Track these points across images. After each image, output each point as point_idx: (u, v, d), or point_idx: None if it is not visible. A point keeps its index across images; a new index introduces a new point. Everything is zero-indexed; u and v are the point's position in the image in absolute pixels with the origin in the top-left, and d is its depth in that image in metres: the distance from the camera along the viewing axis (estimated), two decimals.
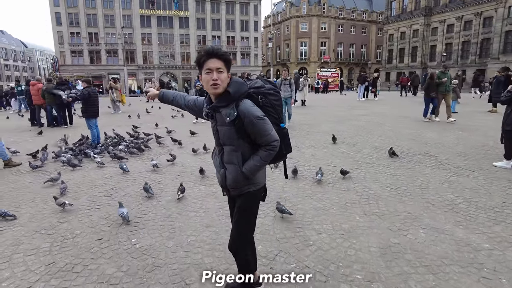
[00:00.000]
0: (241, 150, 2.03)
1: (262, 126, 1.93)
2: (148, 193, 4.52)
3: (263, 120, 1.93)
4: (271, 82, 2.16)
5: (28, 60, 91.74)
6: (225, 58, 1.97)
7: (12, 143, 8.46)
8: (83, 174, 5.78)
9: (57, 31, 51.84)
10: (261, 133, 1.95)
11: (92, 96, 7.61)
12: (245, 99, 1.97)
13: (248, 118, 1.92)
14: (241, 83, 2.00)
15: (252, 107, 1.94)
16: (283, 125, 2.11)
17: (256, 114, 1.92)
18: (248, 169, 2.01)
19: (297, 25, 65.52)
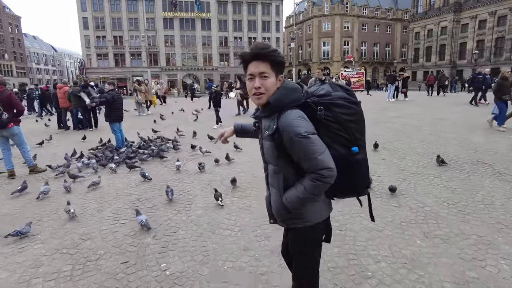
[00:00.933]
0: (283, 172, 1.63)
1: (304, 147, 1.48)
2: (168, 196, 4.41)
3: (306, 139, 1.47)
4: (345, 87, 1.64)
5: (57, 63, 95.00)
6: (271, 59, 1.59)
7: (38, 147, 8.38)
8: (108, 182, 5.49)
9: (84, 35, 53.27)
10: (304, 156, 1.50)
11: (116, 100, 7.38)
12: (293, 109, 1.55)
13: (287, 133, 1.51)
14: (291, 89, 1.61)
15: (296, 121, 1.50)
16: (355, 149, 1.57)
17: (297, 130, 1.48)
18: (288, 200, 1.60)
19: (319, 25, 64.41)
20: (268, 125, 1.59)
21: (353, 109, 1.57)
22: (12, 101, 5.63)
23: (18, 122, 5.84)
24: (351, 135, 1.56)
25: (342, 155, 1.54)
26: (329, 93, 1.59)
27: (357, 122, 1.59)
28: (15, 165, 6.10)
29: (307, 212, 1.64)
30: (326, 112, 1.53)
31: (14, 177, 5.85)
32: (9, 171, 5.85)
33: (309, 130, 1.49)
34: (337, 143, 1.55)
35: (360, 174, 1.63)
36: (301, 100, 1.57)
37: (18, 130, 5.82)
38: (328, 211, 1.72)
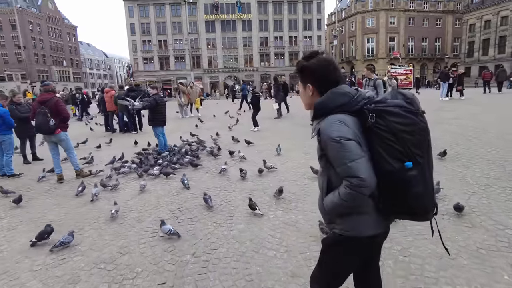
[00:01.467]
0: (327, 174, 1.60)
1: (336, 152, 1.45)
2: (208, 203, 4.32)
3: (339, 144, 1.43)
4: (406, 95, 1.49)
5: (108, 68, 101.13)
6: (298, 69, 1.69)
7: (86, 150, 8.64)
8: (149, 187, 5.41)
9: (131, 40, 55.99)
10: (335, 161, 1.48)
11: (160, 104, 7.35)
12: (337, 114, 1.51)
13: (323, 137, 1.50)
14: (338, 94, 1.55)
15: (333, 124, 1.47)
16: (409, 164, 1.40)
17: (330, 133, 1.46)
18: (326, 203, 1.58)
19: (363, 21, 62.05)
20: (314, 127, 1.60)
21: (409, 119, 1.42)
22: (59, 108, 5.77)
23: (65, 128, 5.98)
24: (406, 148, 1.41)
25: (396, 170, 1.41)
26: (385, 100, 1.49)
27: (414, 134, 1.42)
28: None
29: (349, 220, 1.55)
30: (379, 120, 1.43)
31: (62, 181, 6.00)
32: (58, 175, 6.00)
33: (343, 135, 1.43)
34: (391, 156, 1.42)
35: (415, 194, 1.43)
36: (351, 106, 1.51)
37: (65, 136, 5.96)
38: (376, 228, 1.56)
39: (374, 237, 1.57)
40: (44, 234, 3.60)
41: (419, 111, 1.46)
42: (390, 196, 1.46)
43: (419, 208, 1.48)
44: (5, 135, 6.42)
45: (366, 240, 1.57)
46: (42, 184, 6.04)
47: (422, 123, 1.44)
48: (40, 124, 5.62)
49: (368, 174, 1.40)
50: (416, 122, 1.43)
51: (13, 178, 6.48)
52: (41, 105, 5.69)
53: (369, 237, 1.55)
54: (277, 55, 60.17)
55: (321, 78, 1.61)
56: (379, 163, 1.44)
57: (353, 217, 1.54)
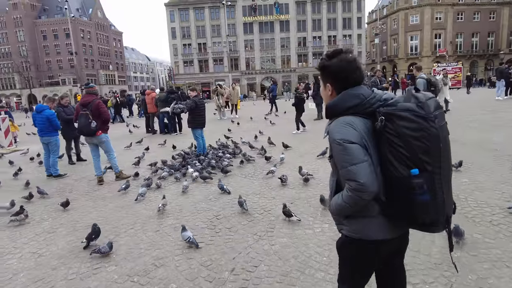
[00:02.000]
0: (337, 176, 1.60)
1: (338, 154, 1.46)
2: (242, 208, 4.17)
3: (341, 147, 1.43)
4: (418, 98, 1.38)
5: (150, 71, 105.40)
6: (319, 68, 1.65)
7: (125, 152, 8.76)
8: (186, 192, 5.23)
9: (172, 44, 57.66)
10: (338, 163, 1.49)
11: (199, 106, 7.23)
12: (347, 116, 1.50)
13: (330, 138, 1.51)
14: (349, 95, 1.52)
15: (338, 126, 1.47)
16: (415, 171, 1.35)
17: (334, 135, 1.47)
18: (332, 204, 1.59)
19: (406, 18, 59.23)
20: (326, 127, 1.59)
21: (418, 124, 1.35)
22: (100, 110, 5.80)
23: (106, 130, 6.00)
24: (413, 154, 1.36)
25: (402, 177, 1.37)
26: (396, 103, 1.44)
27: (422, 140, 1.35)
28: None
29: (355, 222, 1.55)
30: (388, 124, 1.40)
31: (102, 183, 6.03)
32: (98, 177, 6.04)
33: (346, 138, 1.42)
34: (398, 161, 1.38)
35: (420, 203, 1.37)
36: (363, 108, 1.49)
37: (106, 137, 5.99)
38: (384, 233, 1.52)
39: (382, 242, 1.53)
40: (92, 235, 3.54)
41: (429, 116, 1.35)
42: (396, 203, 1.43)
43: (425, 219, 1.40)
44: (52, 137, 6.63)
45: (373, 244, 1.53)
46: (83, 185, 6.12)
47: (433, 128, 1.34)
48: (82, 126, 5.69)
49: (368, 179, 1.37)
50: (426, 127, 1.34)
51: (58, 179, 6.66)
52: (83, 107, 5.75)
53: (375, 241, 1.52)
54: (315, 55, 59.08)
55: (340, 79, 1.55)
56: (387, 168, 1.42)
57: (359, 220, 1.53)
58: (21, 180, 6.53)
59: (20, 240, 3.88)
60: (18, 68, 61.21)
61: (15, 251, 3.62)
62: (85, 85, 5.96)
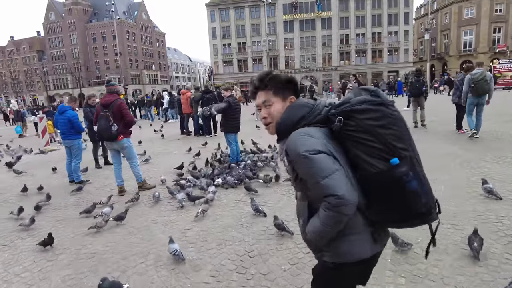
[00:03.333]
0: (307, 198, 1.39)
1: (306, 170, 1.28)
2: (284, 231, 3.45)
3: (307, 160, 1.25)
4: (370, 89, 1.34)
5: (192, 71, 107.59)
6: (272, 85, 1.49)
7: (158, 155, 8.15)
8: (215, 210, 4.39)
9: (213, 44, 58.02)
10: (308, 180, 1.30)
11: (233, 107, 6.36)
12: (303, 127, 1.36)
13: (291, 156, 1.33)
14: (297, 107, 1.42)
15: (298, 139, 1.31)
16: (395, 160, 1.22)
17: (297, 150, 1.29)
18: (309, 232, 1.36)
19: (459, 11, 54.81)
20: (282, 148, 1.44)
21: (380, 111, 1.28)
22: (122, 111, 5.13)
23: (128, 134, 5.33)
24: (387, 144, 1.25)
25: (383, 172, 1.24)
26: (348, 100, 1.35)
27: (389, 126, 1.27)
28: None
29: (338, 245, 1.35)
30: (349, 122, 1.30)
31: (123, 193, 5.37)
32: (119, 187, 5.40)
33: (311, 149, 1.26)
34: (372, 156, 1.26)
35: (411, 192, 1.24)
36: (313, 116, 1.38)
37: (128, 143, 5.31)
38: (372, 247, 1.36)
39: (368, 260, 1.37)
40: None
41: (388, 101, 1.31)
42: (384, 203, 1.28)
43: (421, 208, 1.27)
44: (74, 140, 6.10)
45: (359, 266, 1.37)
46: (103, 195, 5.48)
47: (396, 112, 1.30)
48: (102, 129, 5.05)
49: (347, 190, 1.22)
50: (389, 113, 1.29)
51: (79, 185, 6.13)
52: (104, 108, 5.11)
53: (363, 260, 1.35)
54: (358, 53, 56.64)
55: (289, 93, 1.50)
56: (361, 167, 1.28)
57: (342, 241, 1.34)
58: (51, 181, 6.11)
59: (14, 269, 3.24)
60: (70, 69, 64.95)
61: (1, 285, 2.97)
62: (106, 83, 5.34)
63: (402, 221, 1.34)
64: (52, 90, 69.03)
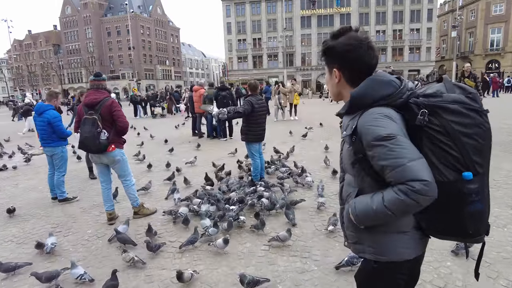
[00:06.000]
0: (360, 185, 1.28)
1: (387, 153, 1.12)
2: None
3: (390, 141, 1.12)
4: (466, 89, 1.16)
5: (206, 67, 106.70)
6: (323, 51, 1.38)
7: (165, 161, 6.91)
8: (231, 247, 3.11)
9: (227, 39, 56.88)
10: (387, 163, 1.12)
11: (257, 110, 4.98)
12: (380, 107, 1.20)
13: (365, 136, 1.18)
14: (380, 82, 1.24)
15: (377, 120, 1.16)
16: (468, 175, 1.09)
17: (376, 131, 1.15)
18: (356, 207, 1.23)
19: (487, 8, 52.15)
20: (347, 124, 1.30)
21: (472, 119, 1.13)
22: (114, 114, 3.85)
23: (121, 144, 4.05)
24: (465, 154, 1.12)
25: (449, 181, 1.13)
26: (440, 93, 1.17)
27: (477, 138, 1.13)
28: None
29: (383, 242, 1.27)
30: (432, 119, 1.14)
31: (113, 222, 4.10)
32: (108, 213, 4.13)
33: (393, 132, 1.14)
34: (444, 163, 1.13)
35: (473, 212, 1.14)
36: (396, 98, 1.22)
37: (121, 155, 4.02)
38: (416, 249, 1.29)
39: (414, 260, 1.30)
40: None
41: (483, 110, 1.16)
42: (438, 213, 1.17)
43: (475, 229, 1.18)
44: (56, 147, 4.85)
45: (405, 266, 1.29)
46: (90, 220, 4.27)
47: (487, 124, 1.16)
48: (86, 138, 3.75)
49: (431, 177, 1.08)
50: (481, 123, 1.14)
51: (63, 204, 4.91)
52: (89, 109, 3.85)
53: (408, 261, 1.27)
54: (378, 50, 54.50)
55: (350, 61, 1.30)
56: None
57: (388, 238, 1.26)
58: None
59: None
60: (85, 63, 64.83)
61: None
62: (94, 76, 3.99)
63: (449, 235, 1.23)
64: (67, 84, 69.21)
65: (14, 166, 7.55)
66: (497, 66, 49.73)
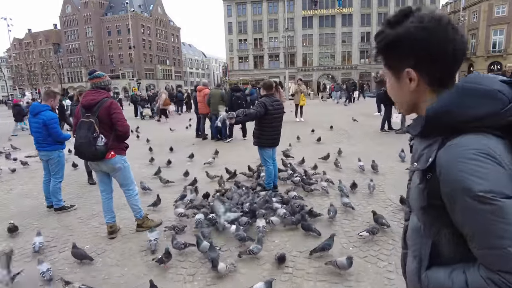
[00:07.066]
0: (434, 236, 0.91)
1: (480, 218, 0.75)
2: None
3: (486, 206, 0.73)
4: None
5: (206, 67, 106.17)
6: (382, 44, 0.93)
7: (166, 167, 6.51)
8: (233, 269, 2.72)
9: (228, 39, 56.58)
10: (476, 234, 0.77)
11: (271, 113, 4.55)
12: (474, 134, 0.80)
13: (447, 181, 0.80)
14: (475, 92, 0.82)
15: (469, 162, 0.76)
16: None
17: (467, 183, 0.75)
18: (430, 283, 0.89)
19: (489, 9, 51.94)
20: (422, 152, 0.91)
21: None
22: (112, 116, 3.45)
23: (123, 150, 3.65)
24: None
25: None
26: None
27: None
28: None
29: None
30: None
31: (114, 236, 3.70)
32: (109, 226, 3.72)
33: (496, 189, 0.73)
34: None
35: None
36: (498, 117, 0.80)
37: (122, 162, 3.62)
38: None
39: None
40: None
41: None
42: None
43: None
44: (53, 151, 4.44)
45: None
46: (88, 232, 3.87)
47: None
48: (82, 143, 3.35)
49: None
50: None
51: (60, 213, 4.51)
52: (87, 111, 3.46)
53: None
54: None
55: (433, 55, 0.85)
56: None
57: None
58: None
59: None
60: (85, 62, 64.33)
61: None
62: (89, 74, 3.62)
63: None
64: (67, 83, 68.71)
65: (13, 169, 7.14)
66: (499, 68, 49.48)
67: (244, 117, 4.46)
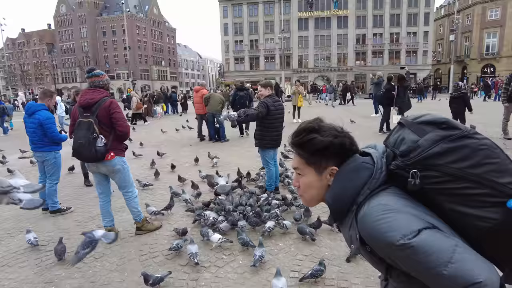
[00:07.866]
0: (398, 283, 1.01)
1: (412, 261, 0.86)
2: None
3: (409, 250, 0.84)
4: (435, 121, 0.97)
5: (201, 68, 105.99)
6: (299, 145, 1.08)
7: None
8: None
9: (224, 40, 56.50)
10: (420, 274, 0.88)
11: (273, 113, 4.46)
12: (372, 199, 0.95)
13: (377, 248, 0.93)
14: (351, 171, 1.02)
15: (379, 224, 0.89)
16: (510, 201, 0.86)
17: (387, 239, 0.87)
18: None
19: (483, 13, 52.57)
20: (349, 234, 1.02)
21: (465, 147, 0.92)
22: (112, 116, 3.35)
23: (122, 151, 3.55)
24: (491, 184, 0.89)
25: (502, 222, 0.88)
26: (416, 145, 0.95)
27: (484, 161, 0.90)
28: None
29: None
30: (428, 174, 0.92)
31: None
32: (106, 229, 3.58)
33: (407, 232, 0.85)
34: (481, 207, 0.90)
35: None
36: (375, 180, 0.98)
37: (121, 164, 3.51)
38: None
39: None
40: None
41: (469, 131, 0.94)
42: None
43: None
44: (48, 152, 4.32)
45: None
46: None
47: (486, 140, 0.93)
48: (81, 145, 3.24)
49: (484, 269, 0.84)
50: (477, 145, 0.92)
51: (56, 216, 4.39)
52: (85, 111, 3.35)
53: None
54: (375, 53, 54.68)
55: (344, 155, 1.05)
56: (470, 224, 0.91)
57: None
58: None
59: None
60: (79, 63, 63.86)
61: None
62: (87, 72, 3.46)
63: None
64: (61, 84, 68.14)
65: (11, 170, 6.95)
66: (492, 71, 50.06)
67: (245, 118, 4.38)
